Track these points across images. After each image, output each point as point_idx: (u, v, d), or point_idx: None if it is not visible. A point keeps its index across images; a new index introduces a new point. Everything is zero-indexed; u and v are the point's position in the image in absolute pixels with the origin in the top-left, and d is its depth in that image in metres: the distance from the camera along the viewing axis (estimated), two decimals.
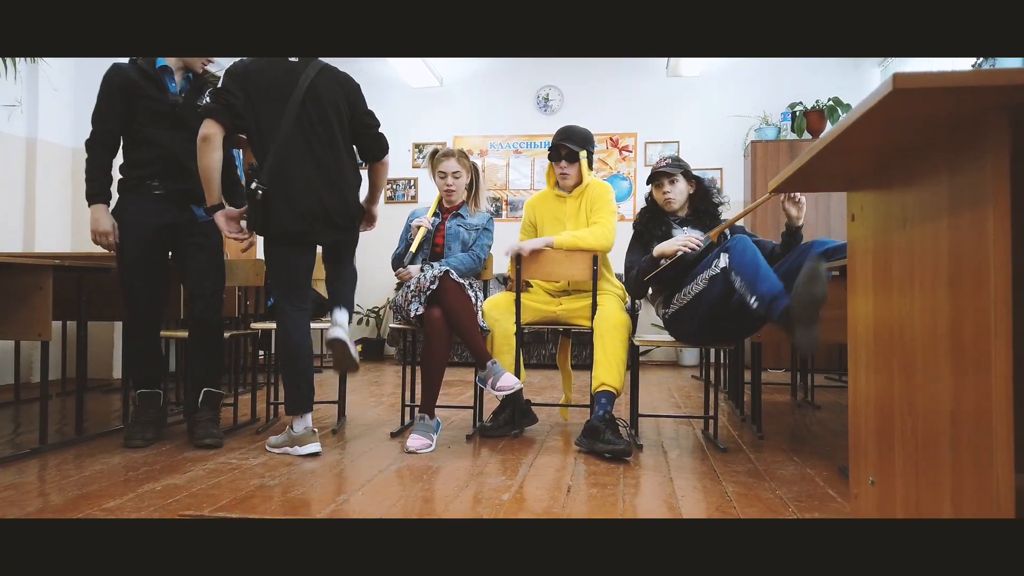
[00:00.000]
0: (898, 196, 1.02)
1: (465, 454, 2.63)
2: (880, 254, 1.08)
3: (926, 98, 0.72)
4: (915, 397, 0.94)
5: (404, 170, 6.88)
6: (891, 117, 0.79)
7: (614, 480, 2.28)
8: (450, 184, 3.10)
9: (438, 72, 6.67)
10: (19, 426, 3.15)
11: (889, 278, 1.03)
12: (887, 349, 1.05)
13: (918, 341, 0.93)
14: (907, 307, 0.97)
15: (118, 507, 1.92)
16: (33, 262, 2.54)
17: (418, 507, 1.97)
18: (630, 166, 6.60)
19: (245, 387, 4.16)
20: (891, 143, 0.94)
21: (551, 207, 3.21)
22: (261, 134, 2.55)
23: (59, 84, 4.60)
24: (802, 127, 5.97)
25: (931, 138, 0.88)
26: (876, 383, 1.10)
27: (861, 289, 1.17)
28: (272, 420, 3.23)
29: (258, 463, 2.46)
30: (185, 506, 1.93)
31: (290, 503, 1.99)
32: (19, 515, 1.85)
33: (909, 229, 0.95)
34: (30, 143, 4.47)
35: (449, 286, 2.75)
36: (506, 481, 2.25)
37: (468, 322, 2.73)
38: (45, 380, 2.65)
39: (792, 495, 2.11)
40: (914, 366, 0.94)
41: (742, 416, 3.54)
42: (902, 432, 0.97)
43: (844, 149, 0.96)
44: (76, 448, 2.68)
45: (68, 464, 2.43)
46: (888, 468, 1.03)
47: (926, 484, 0.91)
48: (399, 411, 3.54)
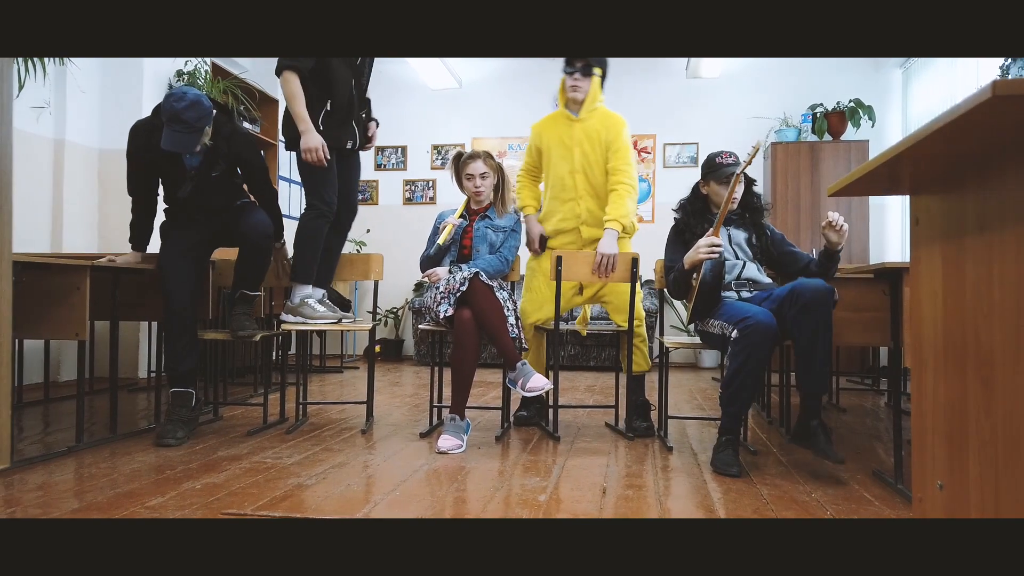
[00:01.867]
0: (972, 200, 1.02)
1: (495, 455, 2.64)
2: (951, 258, 1.08)
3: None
4: (993, 402, 0.94)
5: (423, 171, 6.90)
6: (984, 123, 0.79)
7: (647, 482, 2.28)
8: (478, 186, 3.11)
9: (457, 74, 6.69)
10: (48, 424, 3.19)
11: (963, 282, 1.04)
12: (959, 353, 1.05)
13: (997, 347, 0.93)
14: (984, 311, 0.97)
15: (160, 505, 1.94)
16: (71, 263, 2.57)
17: (455, 507, 1.98)
18: (649, 168, 6.60)
19: (273, 387, 4.19)
20: (973, 149, 0.94)
21: (559, 131, 3.20)
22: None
23: (86, 86, 4.65)
24: (823, 129, 5.94)
25: (1017, 141, 0.88)
26: (946, 387, 1.10)
27: (928, 292, 1.17)
28: (301, 420, 3.25)
29: (292, 462, 2.47)
30: (226, 505, 1.95)
31: (328, 502, 2.00)
32: (61, 514, 1.87)
33: (987, 233, 0.95)
34: (58, 144, 4.52)
35: (479, 287, 2.76)
36: (540, 482, 2.26)
37: (498, 323, 2.74)
38: (82, 379, 2.68)
39: (828, 498, 2.11)
40: (993, 371, 0.94)
41: (768, 419, 3.53)
42: (979, 437, 0.97)
43: (923, 155, 0.96)
44: (111, 447, 2.71)
45: (104, 462, 2.46)
46: (961, 472, 1.03)
47: (1006, 488, 0.91)
48: (424, 411, 3.56)
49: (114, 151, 4.78)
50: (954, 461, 1.06)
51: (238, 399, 3.87)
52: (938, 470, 1.13)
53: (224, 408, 3.55)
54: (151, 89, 4.87)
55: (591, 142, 3.13)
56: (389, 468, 2.42)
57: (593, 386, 4.77)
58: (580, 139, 3.14)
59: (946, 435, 1.10)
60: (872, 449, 2.83)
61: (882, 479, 2.33)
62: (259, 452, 2.63)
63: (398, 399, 4.08)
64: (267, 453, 2.62)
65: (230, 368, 4.20)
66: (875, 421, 3.56)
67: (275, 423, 3.19)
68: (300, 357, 3.49)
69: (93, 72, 4.72)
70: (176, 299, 2.83)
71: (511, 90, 6.78)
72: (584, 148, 3.13)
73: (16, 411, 3.53)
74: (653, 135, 6.59)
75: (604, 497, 2.10)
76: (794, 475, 2.38)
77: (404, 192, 6.84)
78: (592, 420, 3.44)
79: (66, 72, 4.46)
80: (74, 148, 4.60)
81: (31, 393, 3.92)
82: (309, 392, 4.29)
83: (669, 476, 2.36)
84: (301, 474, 2.31)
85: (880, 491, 2.19)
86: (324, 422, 3.30)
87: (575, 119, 3.15)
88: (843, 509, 2.00)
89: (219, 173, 2.90)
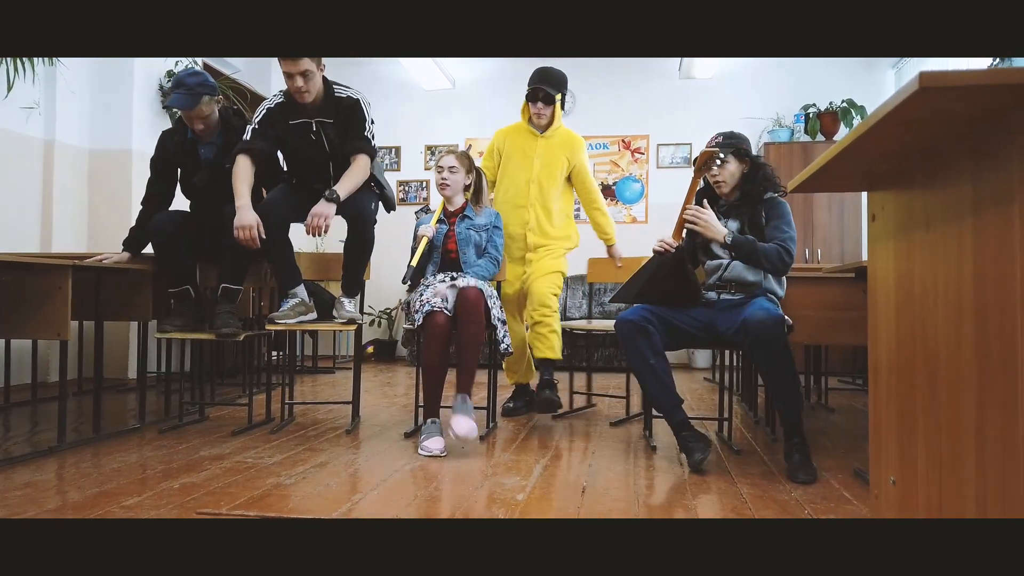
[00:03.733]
0: (920, 196, 1.02)
1: (478, 454, 2.64)
2: (902, 255, 1.08)
3: (952, 96, 0.72)
4: (939, 399, 0.93)
5: (416, 172, 6.90)
6: (916, 116, 0.79)
7: (629, 482, 2.28)
8: (444, 178, 3.13)
9: (451, 74, 6.69)
10: (36, 425, 3.18)
11: (911, 279, 1.03)
12: (909, 350, 1.04)
13: (942, 343, 0.93)
14: (930, 308, 0.96)
15: (137, 505, 1.94)
16: (52, 262, 2.56)
17: (433, 507, 1.98)
18: (642, 168, 6.59)
19: (259, 387, 4.18)
20: (914, 142, 0.93)
21: (521, 142, 3.47)
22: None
23: (76, 87, 4.64)
24: (815, 129, 5.95)
25: (954, 137, 0.88)
26: (898, 384, 1.10)
27: (883, 290, 1.17)
28: (288, 419, 3.25)
29: (274, 462, 2.47)
30: (203, 504, 1.95)
31: (306, 502, 2.00)
32: (39, 512, 1.87)
33: (932, 230, 0.95)
34: (47, 145, 4.51)
35: (471, 300, 2.74)
36: (520, 481, 2.25)
37: (470, 350, 2.74)
38: (64, 379, 2.68)
39: (808, 497, 2.11)
40: (937, 367, 0.94)
41: (755, 418, 3.53)
42: (925, 432, 0.97)
43: (866, 149, 0.95)
44: (94, 446, 2.70)
45: (86, 462, 2.45)
46: (911, 468, 1.03)
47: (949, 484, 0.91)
48: (411, 412, 3.55)
49: (104, 152, 4.78)
50: (904, 456, 1.06)
51: (225, 399, 3.86)
52: (891, 465, 1.13)
53: (211, 408, 3.54)
54: (141, 90, 4.86)
55: (551, 156, 3.41)
56: (370, 468, 2.42)
57: (580, 385, 4.76)
58: (541, 152, 3.41)
59: (897, 431, 1.09)
60: (858, 448, 2.83)
61: (862, 477, 2.32)
62: (241, 452, 2.63)
63: (387, 400, 4.07)
64: (249, 453, 2.61)
65: (219, 368, 4.19)
66: (863, 420, 3.55)
67: (260, 423, 3.19)
68: (285, 357, 3.49)
69: (83, 73, 4.71)
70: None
71: (505, 91, 6.76)
72: (544, 160, 3.40)
73: (3, 411, 3.53)
74: (646, 136, 6.58)
75: (583, 496, 2.10)
76: (776, 475, 2.38)
77: (398, 193, 6.84)
78: (577, 420, 3.44)
79: (56, 73, 4.46)
80: (64, 149, 4.59)
81: (19, 394, 3.91)
82: (299, 393, 4.28)
83: (652, 476, 2.36)
84: (281, 474, 2.31)
85: (860, 490, 2.19)
86: (310, 422, 3.29)
87: (538, 135, 3.43)
88: (821, 508, 2.00)
89: (232, 166, 3.03)
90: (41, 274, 2.54)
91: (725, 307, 2.59)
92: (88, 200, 4.80)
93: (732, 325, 2.48)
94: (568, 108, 3.52)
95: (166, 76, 5.01)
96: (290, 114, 2.96)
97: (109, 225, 4.80)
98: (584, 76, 6.69)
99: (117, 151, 4.78)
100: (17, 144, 4.31)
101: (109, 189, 4.81)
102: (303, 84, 2.84)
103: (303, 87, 2.85)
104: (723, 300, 2.62)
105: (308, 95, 2.88)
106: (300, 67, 2.79)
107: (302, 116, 2.96)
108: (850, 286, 2.55)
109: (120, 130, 4.79)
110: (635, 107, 6.55)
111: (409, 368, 5.91)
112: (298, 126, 2.97)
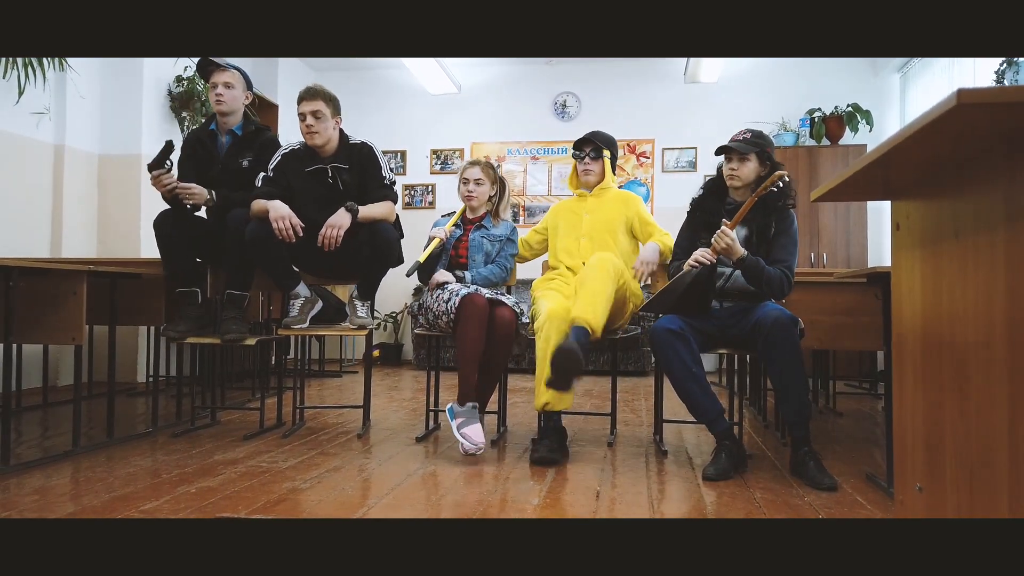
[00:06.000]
0: (948, 206, 1.03)
1: (490, 459, 2.65)
2: (929, 263, 1.09)
3: (989, 112, 0.73)
4: (967, 405, 0.94)
5: (422, 176, 6.91)
6: (951, 130, 0.80)
7: (643, 487, 2.29)
8: (471, 190, 3.12)
9: (456, 79, 6.71)
10: (47, 429, 3.20)
11: (940, 288, 1.04)
12: (936, 358, 1.05)
13: (971, 352, 0.94)
14: (959, 316, 0.98)
15: (155, 509, 1.95)
16: (68, 267, 2.58)
17: (447, 511, 1.99)
18: (647, 172, 6.61)
19: (270, 392, 4.20)
20: (945, 154, 0.94)
21: (571, 207, 3.22)
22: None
23: (86, 92, 4.67)
24: (821, 133, 5.96)
25: (988, 150, 0.89)
26: (924, 391, 1.11)
27: (908, 299, 1.18)
28: (299, 423, 3.26)
29: (288, 466, 2.48)
30: (221, 508, 1.96)
31: (323, 506, 2.01)
32: (58, 516, 1.88)
33: (961, 239, 0.96)
34: (58, 149, 4.54)
35: (473, 307, 2.72)
36: (534, 486, 2.27)
37: (503, 366, 2.74)
38: (79, 383, 2.70)
39: (821, 501, 2.12)
40: (968, 376, 0.95)
41: (764, 422, 3.53)
42: (954, 439, 0.98)
43: (897, 161, 0.97)
44: (107, 451, 2.72)
45: (100, 467, 2.47)
46: (939, 474, 1.04)
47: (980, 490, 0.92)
48: (421, 416, 3.56)
49: (114, 156, 4.81)
50: (932, 463, 1.07)
51: (236, 403, 3.88)
52: (917, 472, 1.14)
53: (222, 412, 3.55)
54: (150, 95, 4.89)
55: (602, 211, 3.11)
56: (384, 472, 2.43)
57: (591, 390, 4.78)
58: (591, 208, 3.14)
59: (924, 438, 1.10)
60: (868, 453, 2.84)
61: (875, 482, 2.33)
62: (255, 456, 2.64)
63: (395, 403, 4.08)
64: (263, 457, 2.63)
65: (229, 372, 4.21)
66: (872, 425, 3.56)
67: (272, 427, 3.20)
68: (296, 361, 3.50)
69: (93, 78, 4.74)
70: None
71: (510, 95, 6.80)
72: (594, 216, 3.11)
73: (15, 416, 3.55)
74: (652, 139, 6.60)
75: (598, 500, 2.11)
76: (788, 479, 2.39)
77: (404, 197, 6.86)
78: (588, 425, 3.45)
79: (66, 78, 4.49)
80: (74, 154, 4.62)
81: (30, 398, 3.93)
82: (307, 396, 4.30)
83: (664, 480, 2.37)
84: (296, 478, 2.32)
85: (873, 495, 2.20)
86: (321, 426, 3.30)
87: (587, 195, 3.18)
88: (834, 512, 2.01)
89: (248, 167, 3.15)
90: (56, 279, 2.56)
91: (734, 312, 2.62)
92: (98, 204, 4.82)
93: (744, 328, 2.52)
94: (616, 170, 3.21)
95: (175, 81, 5.04)
96: (306, 162, 3.03)
97: (119, 229, 4.83)
98: (589, 80, 6.72)
99: (127, 156, 4.81)
100: (28, 149, 4.33)
101: (119, 193, 4.84)
102: (313, 123, 2.92)
103: (313, 126, 2.92)
104: (725, 308, 2.66)
105: (318, 136, 2.95)
106: (312, 106, 2.91)
107: (317, 163, 3.03)
108: (861, 291, 2.56)
109: (130, 135, 4.82)
110: (640, 111, 6.57)
111: (416, 372, 5.92)
112: (314, 172, 3.03)
